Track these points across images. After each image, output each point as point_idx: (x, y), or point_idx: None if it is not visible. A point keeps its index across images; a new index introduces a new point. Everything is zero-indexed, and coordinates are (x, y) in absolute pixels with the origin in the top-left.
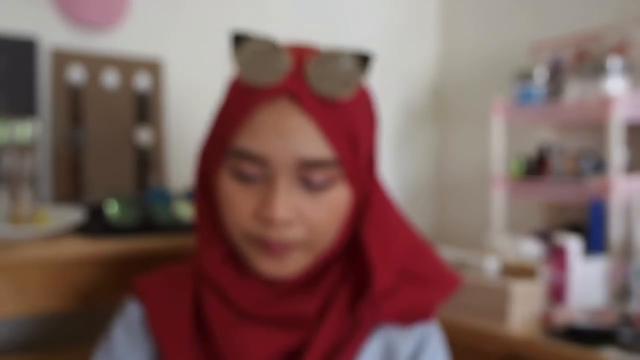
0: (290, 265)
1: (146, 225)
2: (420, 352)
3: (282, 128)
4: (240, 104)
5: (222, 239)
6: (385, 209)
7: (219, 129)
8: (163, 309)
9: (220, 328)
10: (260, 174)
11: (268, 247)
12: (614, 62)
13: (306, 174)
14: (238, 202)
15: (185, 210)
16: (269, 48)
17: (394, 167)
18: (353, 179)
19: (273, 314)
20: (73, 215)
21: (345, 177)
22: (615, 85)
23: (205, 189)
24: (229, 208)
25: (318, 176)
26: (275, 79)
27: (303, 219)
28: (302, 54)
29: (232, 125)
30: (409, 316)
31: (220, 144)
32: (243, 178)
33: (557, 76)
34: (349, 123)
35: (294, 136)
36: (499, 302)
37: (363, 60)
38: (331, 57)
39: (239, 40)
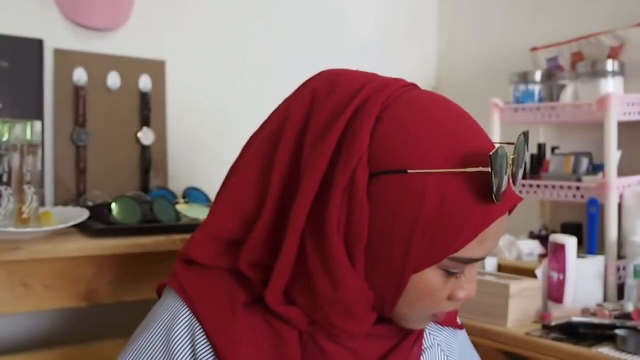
0: None
1: (149, 224)
2: (464, 352)
3: (501, 232)
4: (478, 217)
5: (371, 310)
6: None
7: (432, 237)
8: (219, 319)
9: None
10: None
11: (442, 316)
12: (610, 64)
13: None
14: (440, 292)
15: (187, 210)
16: (504, 162)
17: None
18: None
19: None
20: (77, 214)
21: None
22: (611, 86)
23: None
24: (428, 299)
25: None
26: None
27: None
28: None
29: (465, 237)
30: (448, 320)
31: (438, 254)
32: (452, 274)
33: (554, 78)
34: None
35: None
36: (497, 300)
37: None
38: (523, 151)
39: (500, 157)
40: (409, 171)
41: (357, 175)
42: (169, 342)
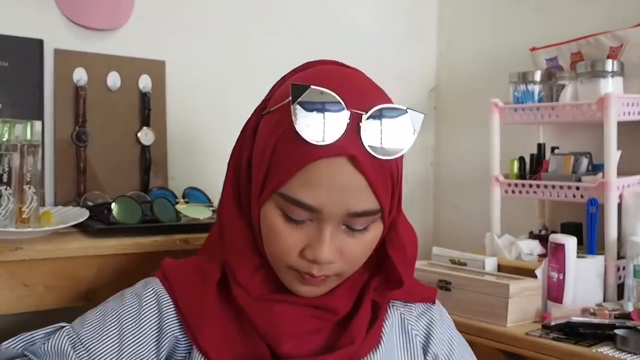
0: (323, 289)
1: (149, 224)
2: (431, 330)
3: (338, 184)
4: (296, 154)
5: (256, 254)
6: (404, 230)
7: (268, 166)
8: (190, 292)
9: (251, 305)
10: (309, 218)
11: (307, 279)
12: (610, 65)
13: (351, 222)
14: (285, 239)
15: (187, 210)
16: (330, 104)
17: None
18: (388, 218)
19: (304, 300)
20: (77, 214)
21: (382, 218)
22: (610, 86)
23: (238, 200)
24: (274, 242)
25: (361, 223)
26: (335, 139)
27: (343, 257)
28: (359, 110)
29: (287, 171)
30: (415, 294)
31: (271, 184)
32: (292, 220)
33: (554, 78)
34: (393, 174)
35: (347, 192)
36: (497, 300)
37: (415, 121)
38: (387, 117)
39: (299, 91)
40: (265, 110)
41: (251, 119)
42: (140, 297)
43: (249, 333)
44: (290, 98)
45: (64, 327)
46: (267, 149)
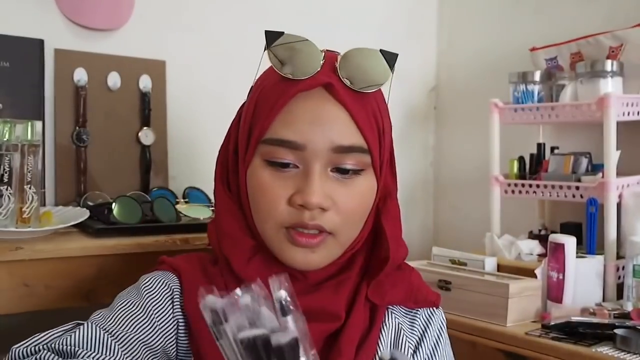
0: (320, 256)
1: (149, 224)
2: (424, 334)
3: (319, 117)
4: (276, 95)
5: (249, 236)
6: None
7: (251, 122)
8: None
9: None
10: (294, 162)
11: (300, 238)
12: (609, 65)
13: (339, 161)
14: (272, 190)
15: (187, 210)
16: (304, 44)
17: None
18: (378, 169)
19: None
20: (78, 214)
21: (372, 166)
22: (610, 87)
23: (228, 188)
24: (263, 197)
25: (350, 162)
26: (311, 73)
27: (336, 206)
28: (332, 51)
29: (269, 115)
30: (416, 299)
31: (255, 135)
32: (277, 166)
33: (554, 78)
34: (376, 115)
35: (330, 124)
36: (497, 300)
37: (389, 59)
38: (360, 54)
39: (273, 37)
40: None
41: (235, 116)
42: (163, 282)
43: None
44: (266, 44)
45: (84, 322)
46: (249, 109)
